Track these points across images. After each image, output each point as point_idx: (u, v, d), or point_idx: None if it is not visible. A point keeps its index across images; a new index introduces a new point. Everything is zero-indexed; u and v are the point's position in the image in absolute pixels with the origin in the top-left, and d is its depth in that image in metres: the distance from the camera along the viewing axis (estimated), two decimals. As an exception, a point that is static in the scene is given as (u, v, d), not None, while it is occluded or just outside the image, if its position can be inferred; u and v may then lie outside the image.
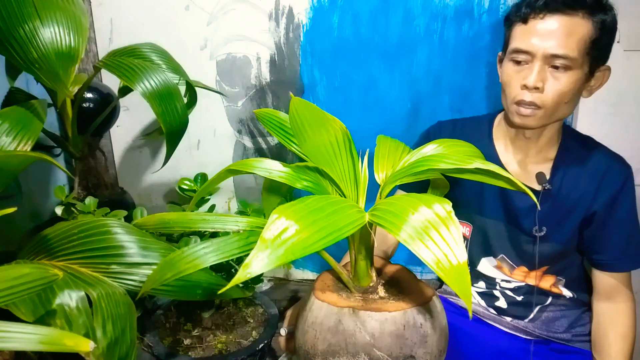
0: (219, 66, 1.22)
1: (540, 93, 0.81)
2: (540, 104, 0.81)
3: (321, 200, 0.49)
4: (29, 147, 0.69)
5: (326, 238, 0.44)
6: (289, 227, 0.42)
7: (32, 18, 0.70)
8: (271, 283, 1.36)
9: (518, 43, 0.82)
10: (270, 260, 0.40)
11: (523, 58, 0.82)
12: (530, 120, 0.83)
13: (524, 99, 0.82)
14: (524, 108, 0.82)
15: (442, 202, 0.46)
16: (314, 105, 0.64)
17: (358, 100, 1.21)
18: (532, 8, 0.80)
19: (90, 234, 0.65)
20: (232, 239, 0.56)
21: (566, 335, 0.97)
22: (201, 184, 1.06)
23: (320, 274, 0.77)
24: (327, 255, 0.65)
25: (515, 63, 0.83)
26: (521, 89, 0.82)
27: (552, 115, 0.84)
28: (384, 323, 0.61)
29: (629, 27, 1.07)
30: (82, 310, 0.58)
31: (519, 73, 0.83)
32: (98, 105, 1.05)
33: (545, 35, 0.79)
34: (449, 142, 0.71)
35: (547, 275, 0.95)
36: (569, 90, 0.81)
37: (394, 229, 0.46)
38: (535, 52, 0.80)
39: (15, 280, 0.48)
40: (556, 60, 0.79)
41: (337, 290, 0.70)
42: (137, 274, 0.64)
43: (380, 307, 0.63)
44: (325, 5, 1.16)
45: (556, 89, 0.80)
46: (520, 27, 0.82)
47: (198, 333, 0.94)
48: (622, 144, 1.15)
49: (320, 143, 0.63)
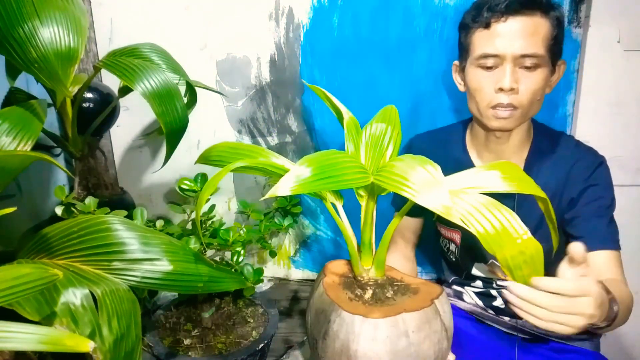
0: (219, 66, 1.21)
1: (516, 94, 0.83)
2: (518, 104, 0.83)
3: (336, 157, 0.61)
4: (29, 147, 0.68)
5: (328, 185, 0.57)
6: (305, 171, 0.56)
7: (32, 18, 0.70)
8: (271, 283, 1.36)
9: (484, 48, 0.83)
10: (290, 188, 0.54)
11: (492, 62, 0.83)
12: (508, 122, 0.85)
13: (501, 102, 0.83)
14: (502, 111, 0.84)
15: (433, 165, 0.57)
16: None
17: (358, 100, 1.21)
18: (494, 12, 0.81)
19: (91, 232, 0.65)
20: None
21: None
22: (201, 184, 1.06)
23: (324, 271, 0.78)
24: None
25: (484, 68, 0.85)
26: (496, 93, 0.84)
27: (527, 114, 0.86)
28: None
29: (629, 27, 1.07)
30: (87, 308, 0.58)
31: (490, 77, 0.84)
32: (98, 105, 1.05)
33: (510, 36, 0.81)
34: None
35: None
36: (540, 88, 0.83)
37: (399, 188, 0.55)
38: (504, 54, 0.81)
39: (15, 280, 0.48)
40: (526, 60, 0.81)
41: (348, 288, 0.72)
42: (139, 269, 0.64)
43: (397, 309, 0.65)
44: (326, 6, 1.16)
45: (530, 88, 0.82)
46: (482, 32, 0.84)
47: (198, 333, 0.94)
48: (622, 144, 1.15)
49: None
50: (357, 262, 0.72)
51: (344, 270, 0.78)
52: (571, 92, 1.17)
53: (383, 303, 0.68)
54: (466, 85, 0.91)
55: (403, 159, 0.59)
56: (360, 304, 0.68)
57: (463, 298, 1.06)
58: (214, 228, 0.99)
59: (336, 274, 0.77)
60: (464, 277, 1.04)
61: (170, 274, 0.66)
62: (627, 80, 1.12)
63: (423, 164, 0.56)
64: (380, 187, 0.68)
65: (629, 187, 1.18)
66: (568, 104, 1.18)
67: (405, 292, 0.71)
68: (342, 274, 0.77)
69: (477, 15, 0.84)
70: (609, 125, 1.15)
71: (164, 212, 1.31)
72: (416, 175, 0.55)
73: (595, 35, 1.10)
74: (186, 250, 0.69)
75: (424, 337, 0.64)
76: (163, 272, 0.65)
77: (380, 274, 0.73)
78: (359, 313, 0.65)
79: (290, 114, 1.25)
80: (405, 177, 0.55)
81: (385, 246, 0.70)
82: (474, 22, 0.85)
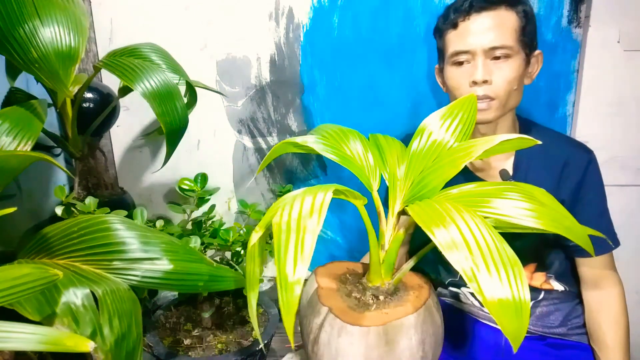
0: (219, 66, 1.21)
1: (490, 85, 0.85)
2: (493, 95, 0.85)
3: (341, 133, 0.78)
4: (29, 147, 0.69)
5: (329, 150, 0.68)
6: (318, 138, 0.71)
7: (32, 18, 0.70)
8: (271, 283, 1.36)
9: (456, 46, 0.87)
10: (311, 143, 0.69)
11: (464, 58, 0.87)
12: (487, 113, 0.87)
13: (477, 94, 0.85)
14: (479, 103, 0.85)
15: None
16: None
17: (358, 100, 1.21)
18: (460, 11, 0.86)
19: (91, 232, 0.65)
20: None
21: (562, 330, 0.97)
22: (201, 184, 1.06)
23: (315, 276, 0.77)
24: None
25: (457, 65, 0.88)
26: (471, 87, 0.87)
27: (506, 105, 0.88)
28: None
29: (629, 27, 1.07)
30: (88, 308, 0.58)
31: (465, 73, 0.88)
32: (98, 105, 1.05)
33: (479, 32, 0.84)
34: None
35: (537, 273, 0.96)
36: (515, 77, 0.86)
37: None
38: (475, 49, 0.85)
39: (15, 280, 0.48)
40: (496, 52, 0.84)
41: (346, 294, 0.71)
42: (140, 269, 0.65)
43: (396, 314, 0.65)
44: (326, 6, 1.16)
45: (504, 78, 0.85)
46: (452, 32, 0.88)
47: (198, 333, 0.94)
48: (622, 144, 1.15)
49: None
50: (378, 267, 0.71)
51: (337, 275, 0.77)
52: (571, 92, 1.17)
53: (377, 309, 0.68)
54: (446, 86, 0.94)
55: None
56: (353, 311, 0.67)
57: (460, 298, 1.06)
58: (214, 228, 0.99)
59: (328, 278, 0.76)
60: (460, 277, 1.04)
61: (170, 273, 0.66)
62: (627, 80, 1.12)
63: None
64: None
65: (629, 187, 1.18)
66: (568, 104, 1.18)
67: (401, 296, 0.71)
68: (336, 278, 0.76)
69: (446, 17, 0.89)
70: (609, 125, 1.15)
71: (164, 212, 1.31)
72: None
73: (595, 35, 1.10)
74: (186, 250, 0.69)
75: (417, 342, 0.64)
76: (163, 272, 0.66)
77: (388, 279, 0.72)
78: (351, 320, 0.64)
79: (290, 114, 1.25)
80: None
81: (394, 252, 0.70)
82: (444, 24, 0.90)
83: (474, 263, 0.49)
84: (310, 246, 0.48)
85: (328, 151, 0.69)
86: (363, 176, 0.72)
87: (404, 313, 0.65)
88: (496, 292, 0.48)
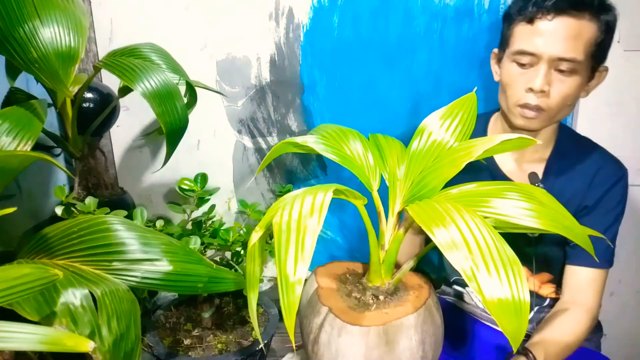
0: (219, 66, 1.21)
1: (547, 97, 0.80)
2: (546, 107, 0.80)
3: (341, 133, 0.79)
4: (29, 147, 0.68)
5: (329, 150, 0.69)
6: (318, 138, 0.71)
7: (32, 18, 0.70)
8: (271, 283, 1.36)
9: (523, 44, 0.80)
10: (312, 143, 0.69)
11: (527, 60, 0.80)
12: (533, 122, 0.83)
13: (529, 102, 0.81)
14: (529, 111, 0.81)
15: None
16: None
17: (358, 100, 1.21)
18: (540, 8, 0.77)
19: (90, 232, 0.65)
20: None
21: None
22: (201, 184, 1.06)
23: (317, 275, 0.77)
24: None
25: (518, 65, 0.82)
26: (526, 92, 0.81)
27: (554, 117, 0.84)
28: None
29: (629, 27, 1.07)
30: (87, 308, 0.58)
31: (523, 75, 0.81)
32: (98, 105, 1.05)
33: (552, 37, 0.77)
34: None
35: (548, 284, 0.95)
36: (573, 93, 0.80)
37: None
38: (541, 54, 0.78)
39: (15, 280, 0.48)
40: (562, 64, 0.78)
41: (346, 294, 0.71)
42: (139, 270, 0.65)
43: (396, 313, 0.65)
44: (326, 6, 1.16)
45: (562, 92, 0.79)
46: (524, 26, 0.80)
47: (198, 333, 0.94)
48: (622, 144, 1.15)
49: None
50: (378, 267, 0.71)
51: (337, 275, 0.77)
52: (571, 92, 1.17)
53: (377, 309, 0.68)
54: (500, 77, 0.88)
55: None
56: (353, 311, 0.67)
57: (463, 298, 1.06)
58: (214, 228, 0.99)
59: (328, 278, 0.76)
60: None
61: (170, 274, 0.66)
62: (627, 80, 1.12)
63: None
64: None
65: (629, 187, 1.18)
66: (568, 104, 1.18)
67: (401, 296, 0.71)
68: (336, 278, 0.76)
69: (523, 7, 0.80)
70: (609, 125, 1.15)
71: (164, 212, 1.31)
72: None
73: (595, 35, 1.10)
74: (186, 251, 0.69)
75: (417, 342, 0.64)
76: (163, 273, 0.65)
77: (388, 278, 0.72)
78: (351, 320, 0.64)
79: (290, 114, 1.25)
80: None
81: (394, 252, 0.70)
82: (518, 15, 0.81)
83: (474, 263, 0.49)
84: (311, 246, 0.48)
85: (328, 151, 0.68)
86: (363, 176, 0.72)
87: (404, 313, 0.65)
88: (496, 292, 0.48)
